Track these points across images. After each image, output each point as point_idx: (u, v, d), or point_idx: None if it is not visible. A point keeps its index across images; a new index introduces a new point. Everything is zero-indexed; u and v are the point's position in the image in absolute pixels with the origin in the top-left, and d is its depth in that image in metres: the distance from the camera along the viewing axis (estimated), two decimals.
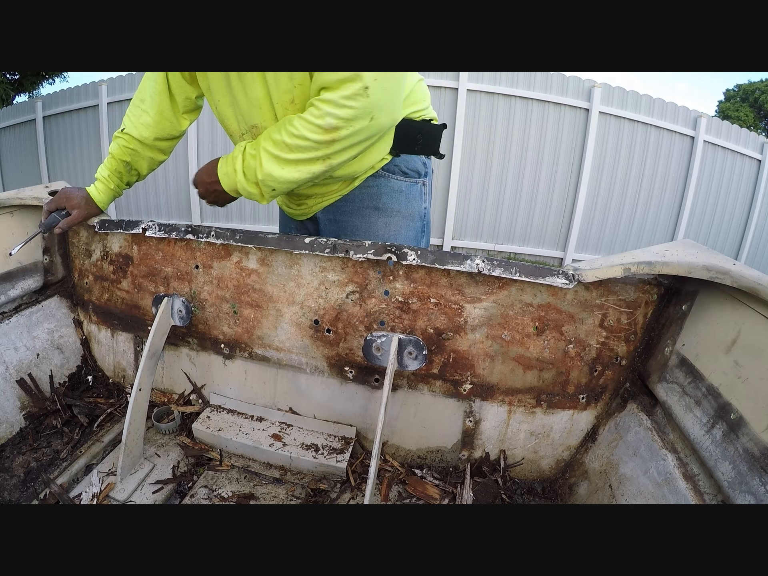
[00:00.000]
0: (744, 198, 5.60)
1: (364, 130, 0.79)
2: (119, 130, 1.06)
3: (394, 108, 0.81)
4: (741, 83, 16.18)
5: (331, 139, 0.78)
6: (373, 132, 0.80)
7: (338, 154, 0.82)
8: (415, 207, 1.06)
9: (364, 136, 0.80)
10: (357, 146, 0.82)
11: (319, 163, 0.83)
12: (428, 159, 1.09)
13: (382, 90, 0.75)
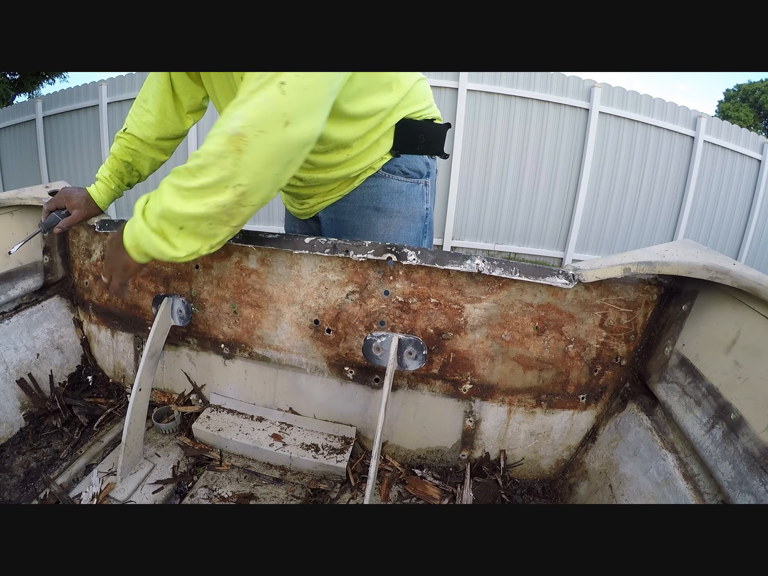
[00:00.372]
0: (744, 198, 5.60)
1: (277, 139, 0.63)
2: (121, 130, 1.06)
3: (316, 116, 0.66)
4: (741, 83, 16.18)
5: (236, 148, 0.63)
6: (289, 145, 0.65)
7: (247, 173, 0.65)
8: (416, 207, 1.05)
9: (277, 150, 0.64)
10: (271, 165, 0.66)
11: (228, 191, 0.65)
12: (432, 159, 1.07)
13: (302, 89, 0.63)
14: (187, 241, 0.71)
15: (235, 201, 0.67)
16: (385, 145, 0.96)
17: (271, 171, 0.67)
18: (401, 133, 0.95)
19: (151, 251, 0.73)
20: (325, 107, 0.68)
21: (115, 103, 5.50)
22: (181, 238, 0.71)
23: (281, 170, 0.68)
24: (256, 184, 0.66)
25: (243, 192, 0.66)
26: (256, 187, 0.67)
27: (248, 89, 0.63)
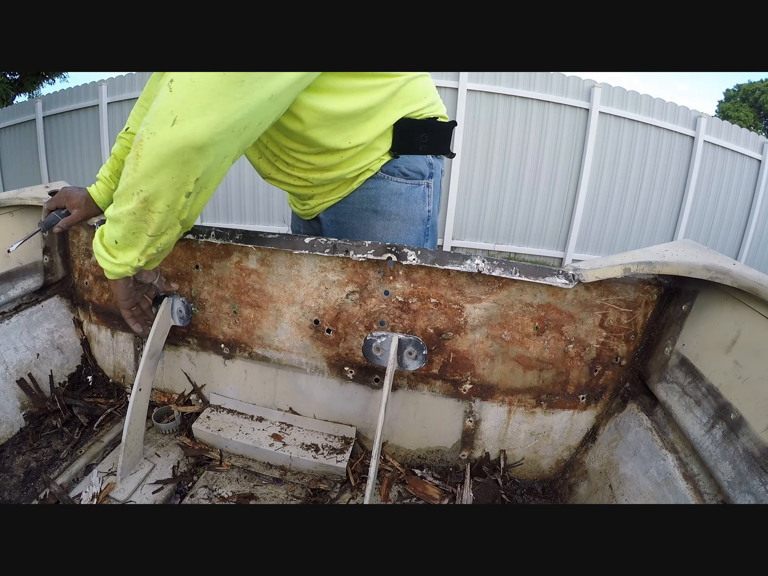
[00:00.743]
0: (744, 198, 5.60)
1: (165, 139, 0.59)
2: (123, 130, 1.06)
3: (209, 115, 0.59)
4: (741, 83, 16.19)
5: (136, 154, 0.61)
6: (176, 144, 0.59)
7: (145, 178, 0.62)
8: (416, 210, 1.03)
9: (166, 150, 0.60)
10: (164, 168, 0.62)
11: (134, 198, 0.65)
12: (437, 158, 1.04)
13: (190, 82, 0.58)
14: (124, 252, 0.73)
15: (142, 207, 0.66)
16: (383, 146, 0.94)
17: (166, 174, 0.62)
18: (400, 133, 0.93)
19: (105, 265, 0.76)
20: (225, 107, 0.60)
21: (115, 103, 5.50)
22: (120, 251, 0.73)
23: (178, 173, 0.63)
24: (155, 189, 0.64)
25: (145, 198, 0.65)
26: (156, 193, 0.64)
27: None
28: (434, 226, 1.10)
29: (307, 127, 0.83)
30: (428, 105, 0.96)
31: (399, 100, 0.90)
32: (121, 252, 0.74)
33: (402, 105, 0.91)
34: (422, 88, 0.95)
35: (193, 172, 0.64)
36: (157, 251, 0.74)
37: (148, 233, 0.70)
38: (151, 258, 0.75)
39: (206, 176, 0.67)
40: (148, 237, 0.71)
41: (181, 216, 0.70)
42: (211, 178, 0.68)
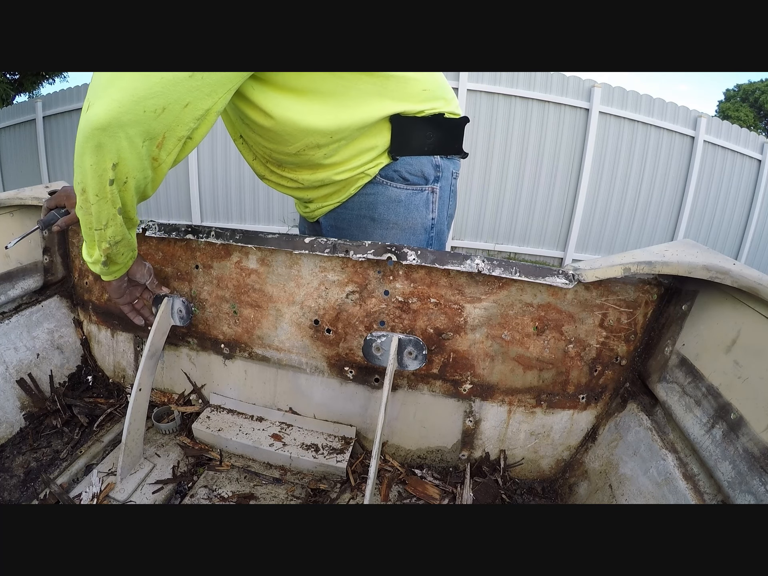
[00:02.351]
0: (744, 198, 5.60)
1: (81, 126, 0.62)
2: None
3: (109, 94, 0.60)
4: (741, 83, 16.20)
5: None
6: (87, 127, 0.61)
7: (77, 170, 0.66)
8: (418, 218, 0.96)
9: (82, 136, 0.62)
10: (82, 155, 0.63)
11: (78, 191, 0.69)
12: (447, 160, 0.96)
13: (104, 75, 0.61)
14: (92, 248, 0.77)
15: (83, 199, 0.68)
16: (378, 146, 0.88)
17: (86, 162, 0.64)
18: (398, 132, 0.86)
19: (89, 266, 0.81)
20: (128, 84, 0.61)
21: None
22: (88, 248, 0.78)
23: (94, 160, 0.63)
24: (82, 178, 0.66)
25: (82, 189, 0.67)
26: (84, 182, 0.66)
27: None
28: (440, 234, 1.02)
29: (278, 121, 0.79)
30: (428, 99, 0.88)
31: (386, 91, 0.82)
32: (89, 249, 0.78)
33: (393, 99, 0.84)
34: (419, 80, 0.86)
35: (107, 156, 0.63)
36: (110, 245, 0.76)
37: (95, 227, 0.72)
38: (109, 252, 0.77)
39: (126, 162, 0.65)
40: (96, 231, 0.73)
41: (115, 205, 0.70)
42: (133, 165, 0.66)
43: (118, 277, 0.87)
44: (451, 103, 0.94)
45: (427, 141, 0.90)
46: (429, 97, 0.88)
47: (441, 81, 0.93)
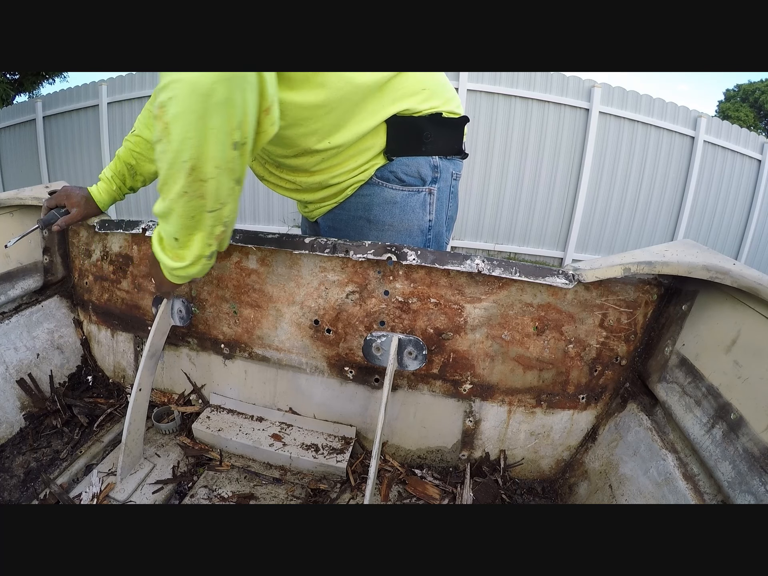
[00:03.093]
0: (744, 198, 5.60)
1: (185, 87, 0.55)
2: (130, 132, 1.06)
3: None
4: (741, 83, 16.19)
5: (164, 123, 0.57)
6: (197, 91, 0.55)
7: (186, 143, 0.57)
8: (413, 220, 0.94)
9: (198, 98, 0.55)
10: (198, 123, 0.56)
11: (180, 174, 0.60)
12: (447, 160, 0.94)
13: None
14: (188, 246, 0.70)
15: (191, 180, 0.60)
16: (375, 147, 0.87)
17: (202, 126, 0.56)
18: (394, 133, 0.85)
19: (169, 276, 0.75)
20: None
21: (115, 103, 5.49)
22: (182, 249, 0.70)
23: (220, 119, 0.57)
24: (197, 151, 0.58)
25: (192, 166, 0.59)
26: (200, 156, 0.58)
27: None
28: (438, 236, 1.01)
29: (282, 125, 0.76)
30: (427, 99, 0.86)
31: (387, 95, 0.82)
32: (185, 249, 0.69)
33: (392, 101, 0.82)
34: (418, 79, 0.85)
35: (235, 112, 0.57)
36: (225, 227, 0.68)
37: (208, 209, 0.64)
38: (221, 238, 0.70)
39: (249, 119, 0.59)
40: (209, 214, 0.65)
41: (234, 174, 0.63)
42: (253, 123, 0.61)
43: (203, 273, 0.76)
44: (450, 102, 0.92)
45: (425, 141, 0.88)
46: (428, 97, 0.87)
47: (441, 80, 0.92)
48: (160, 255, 0.72)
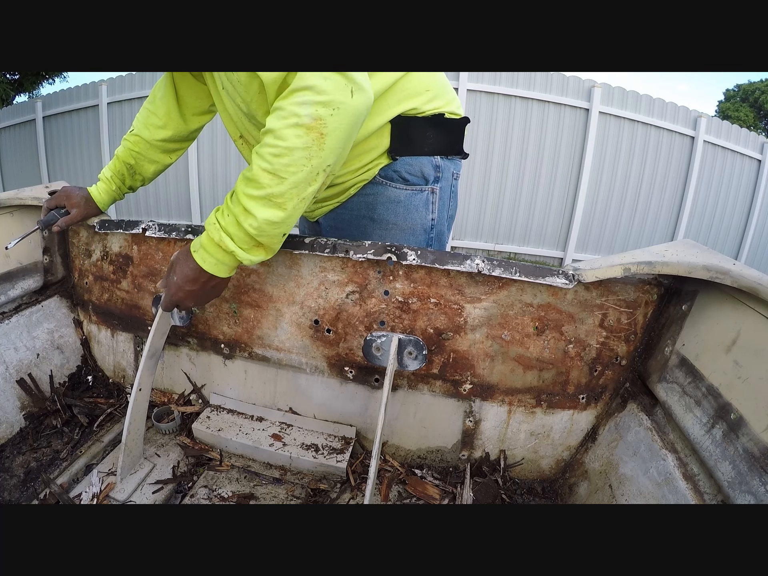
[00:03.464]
0: (744, 198, 5.60)
1: (351, 110, 0.64)
2: (128, 132, 1.06)
3: (366, 83, 0.67)
4: (741, 83, 16.20)
5: (319, 134, 0.63)
6: (360, 111, 0.66)
7: (333, 152, 0.66)
8: (417, 219, 0.95)
9: (353, 121, 0.65)
10: (349, 138, 0.67)
11: (320, 177, 0.67)
12: (448, 160, 0.95)
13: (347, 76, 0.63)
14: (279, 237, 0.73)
15: (323, 179, 0.68)
16: (379, 147, 0.88)
17: (350, 139, 0.68)
18: (398, 133, 0.86)
19: (252, 263, 0.74)
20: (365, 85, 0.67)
21: (115, 103, 5.50)
22: (278, 240, 0.73)
23: (355, 133, 0.68)
24: (339, 158, 0.68)
25: (332, 171, 0.69)
26: (339, 160, 0.69)
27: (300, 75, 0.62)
28: (440, 235, 1.02)
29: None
30: (431, 99, 0.88)
31: (393, 95, 0.83)
32: (278, 241, 0.73)
33: (397, 101, 0.84)
34: (422, 80, 0.87)
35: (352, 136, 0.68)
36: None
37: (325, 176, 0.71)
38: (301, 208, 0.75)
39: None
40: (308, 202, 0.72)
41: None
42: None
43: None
44: (452, 103, 0.93)
45: (427, 141, 0.90)
46: (432, 98, 0.88)
47: (443, 81, 0.93)
48: (243, 255, 0.71)
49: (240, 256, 0.71)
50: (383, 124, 0.85)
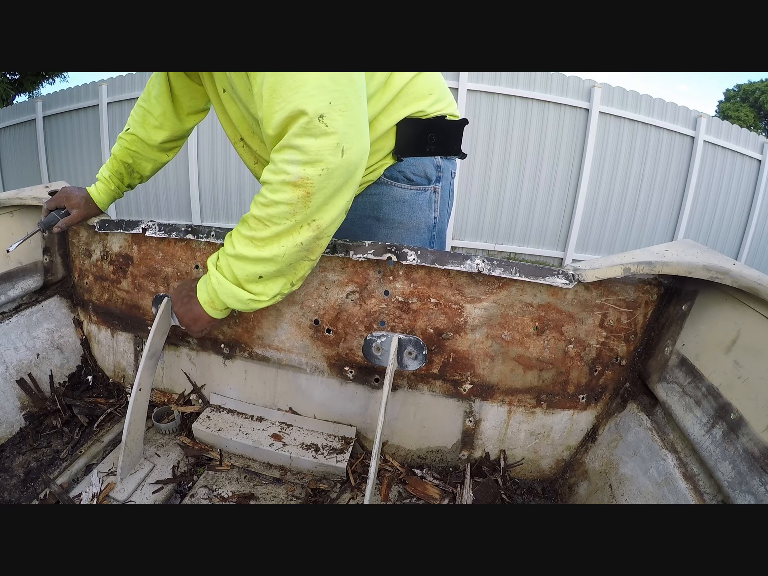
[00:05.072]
0: (744, 198, 5.60)
1: (341, 170, 0.65)
2: (124, 130, 1.06)
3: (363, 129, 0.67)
4: (741, 83, 16.19)
5: (305, 193, 0.65)
6: (350, 170, 0.66)
7: (321, 209, 0.67)
8: (421, 218, 0.97)
9: (343, 180, 0.66)
10: (342, 196, 0.68)
11: (304, 229, 0.68)
12: (447, 160, 0.98)
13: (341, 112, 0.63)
14: (268, 285, 0.74)
15: (314, 236, 0.69)
16: (385, 149, 0.89)
17: (342, 200, 0.69)
18: (404, 135, 0.88)
19: (236, 305, 0.76)
20: (365, 116, 0.68)
21: (115, 103, 5.49)
22: (261, 285, 0.74)
23: (350, 195, 0.70)
24: (330, 216, 0.69)
25: (319, 226, 0.69)
26: (332, 220, 0.69)
27: (291, 132, 0.63)
28: (441, 232, 1.04)
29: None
30: (434, 102, 0.90)
31: (400, 99, 0.85)
32: (263, 286, 0.74)
33: (404, 104, 0.86)
34: (427, 84, 0.89)
35: (356, 186, 0.70)
36: (304, 278, 0.78)
37: (311, 258, 0.74)
38: (298, 285, 0.79)
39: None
40: (310, 262, 0.75)
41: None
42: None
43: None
44: (451, 105, 0.96)
45: (430, 142, 0.92)
46: (435, 100, 0.91)
47: (443, 84, 0.96)
48: (228, 286, 0.75)
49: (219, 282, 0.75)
50: (391, 127, 0.87)
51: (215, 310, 0.79)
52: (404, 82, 0.85)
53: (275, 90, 0.63)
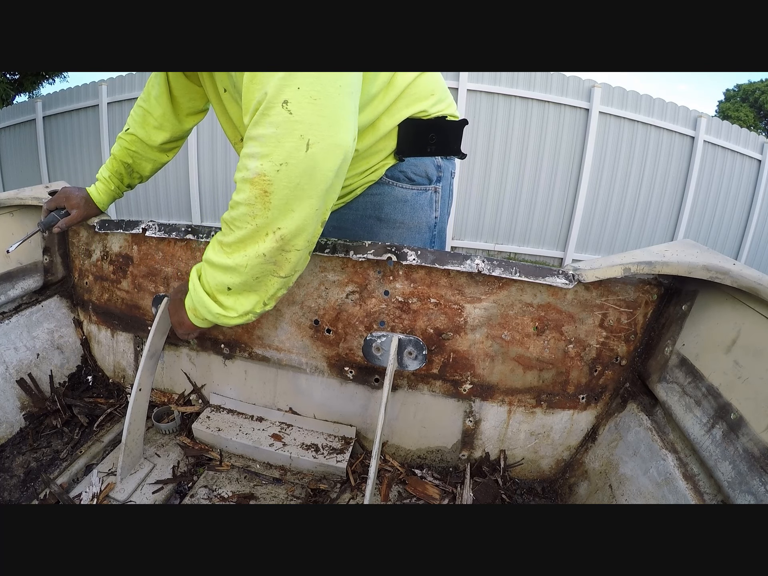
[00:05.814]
0: (744, 198, 5.60)
1: (302, 167, 0.54)
2: (123, 130, 1.06)
3: (341, 125, 0.56)
4: (741, 83, 16.19)
5: (262, 191, 0.56)
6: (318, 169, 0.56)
7: (284, 215, 0.57)
8: (423, 217, 0.97)
9: (307, 180, 0.56)
10: (306, 200, 0.57)
11: (268, 238, 0.59)
12: (447, 160, 0.98)
13: (312, 100, 0.54)
14: (239, 300, 0.67)
15: (277, 247, 0.60)
16: (386, 149, 0.89)
17: (308, 206, 0.58)
18: (405, 135, 0.88)
19: (208, 316, 0.70)
20: (349, 111, 0.58)
21: (115, 103, 5.50)
22: (231, 298, 0.67)
23: (320, 202, 0.59)
24: (296, 224, 0.59)
25: (282, 236, 0.59)
26: (297, 229, 0.59)
27: (253, 120, 0.56)
28: (442, 232, 1.04)
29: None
30: (436, 103, 0.90)
31: (402, 99, 0.85)
32: (233, 300, 0.67)
33: (406, 105, 0.86)
34: (428, 84, 0.89)
35: (334, 195, 0.60)
36: (286, 290, 0.68)
37: (281, 275, 0.65)
38: (279, 300, 0.70)
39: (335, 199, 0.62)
40: (279, 279, 0.65)
41: (311, 248, 0.65)
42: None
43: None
44: (451, 105, 0.96)
45: (431, 143, 0.92)
46: (437, 101, 0.91)
47: (443, 84, 0.96)
48: (201, 295, 0.69)
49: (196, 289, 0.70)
50: (393, 127, 0.87)
51: (197, 319, 0.73)
52: (407, 82, 0.85)
53: (254, 75, 0.57)
